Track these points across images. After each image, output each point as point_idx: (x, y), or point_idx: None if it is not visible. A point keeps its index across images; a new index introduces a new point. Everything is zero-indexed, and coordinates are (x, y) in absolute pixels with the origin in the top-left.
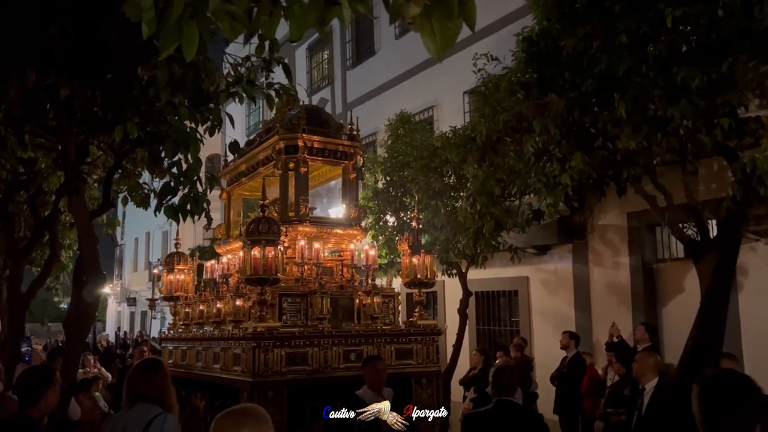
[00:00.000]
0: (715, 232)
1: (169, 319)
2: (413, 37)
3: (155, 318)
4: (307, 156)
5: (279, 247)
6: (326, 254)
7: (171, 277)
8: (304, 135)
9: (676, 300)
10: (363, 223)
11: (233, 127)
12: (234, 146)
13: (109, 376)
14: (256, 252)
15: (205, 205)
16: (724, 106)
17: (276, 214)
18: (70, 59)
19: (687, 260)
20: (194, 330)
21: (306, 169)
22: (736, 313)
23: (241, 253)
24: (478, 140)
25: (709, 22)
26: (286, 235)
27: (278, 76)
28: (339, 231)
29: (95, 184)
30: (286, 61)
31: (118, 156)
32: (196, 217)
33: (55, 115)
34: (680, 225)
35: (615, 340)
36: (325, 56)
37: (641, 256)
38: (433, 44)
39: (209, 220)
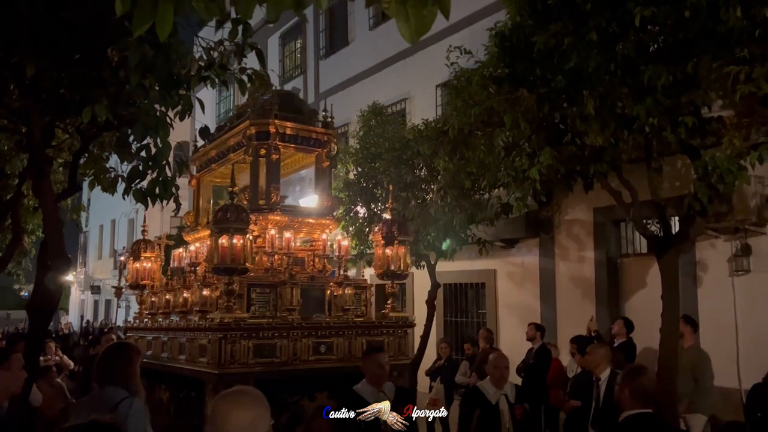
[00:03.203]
0: (678, 229)
1: (135, 308)
2: (387, 28)
3: (120, 307)
4: (279, 143)
5: (248, 235)
6: (298, 244)
7: (137, 264)
8: (276, 121)
9: (639, 294)
10: (335, 213)
11: (203, 112)
12: (204, 131)
13: (71, 363)
14: (223, 240)
15: (174, 190)
16: (688, 105)
17: (246, 202)
18: (38, 38)
19: (650, 255)
20: (160, 320)
21: (278, 156)
22: (695, 306)
23: (209, 242)
24: (449, 133)
25: (675, 23)
26: (255, 224)
27: (251, 62)
28: (311, 220)
29: (60, 168)
30: (259, 47)
31: (85, 139)
32: (165, 202)
33: (20, 96)
34: (644, 221)
35: (593, 334)
36: (298, 45)
37: (606, 250)
38: (408, 30)
39: (178, 205)
